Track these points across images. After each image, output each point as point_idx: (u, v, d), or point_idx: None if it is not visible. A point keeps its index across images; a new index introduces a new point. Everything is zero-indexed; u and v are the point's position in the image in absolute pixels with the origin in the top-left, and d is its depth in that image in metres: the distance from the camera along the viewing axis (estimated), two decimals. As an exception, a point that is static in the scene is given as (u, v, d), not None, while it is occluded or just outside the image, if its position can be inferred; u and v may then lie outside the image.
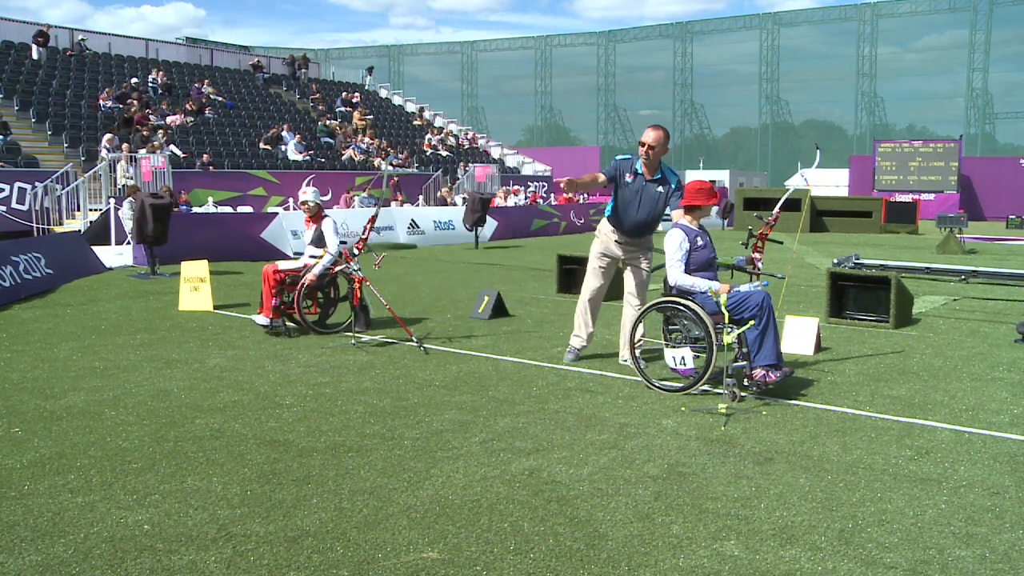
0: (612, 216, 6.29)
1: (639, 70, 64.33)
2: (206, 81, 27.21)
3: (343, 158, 25.43)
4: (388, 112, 33.51)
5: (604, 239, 6.38)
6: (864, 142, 54.28)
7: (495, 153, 34.15)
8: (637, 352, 5.78)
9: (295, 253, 7.84)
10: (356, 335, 7.23)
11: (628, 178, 6.10)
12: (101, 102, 22.40)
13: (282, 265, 7.74)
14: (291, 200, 20.09)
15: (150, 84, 24.67)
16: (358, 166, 24.90)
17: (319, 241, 7.70)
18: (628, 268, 6.38)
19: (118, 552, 3.12)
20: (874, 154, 40.76)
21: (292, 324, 7.59)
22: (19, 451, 4.26)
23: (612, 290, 10.32)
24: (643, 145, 6.00)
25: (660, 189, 6.08)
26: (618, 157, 6.30)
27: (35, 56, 24.48)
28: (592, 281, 6.46)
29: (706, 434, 4.63)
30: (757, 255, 6.25)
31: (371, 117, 30.17)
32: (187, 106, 24.02)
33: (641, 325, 5.85)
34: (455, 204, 23.39)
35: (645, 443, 4.46)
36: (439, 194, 24.80)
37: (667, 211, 6.13)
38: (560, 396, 5.44)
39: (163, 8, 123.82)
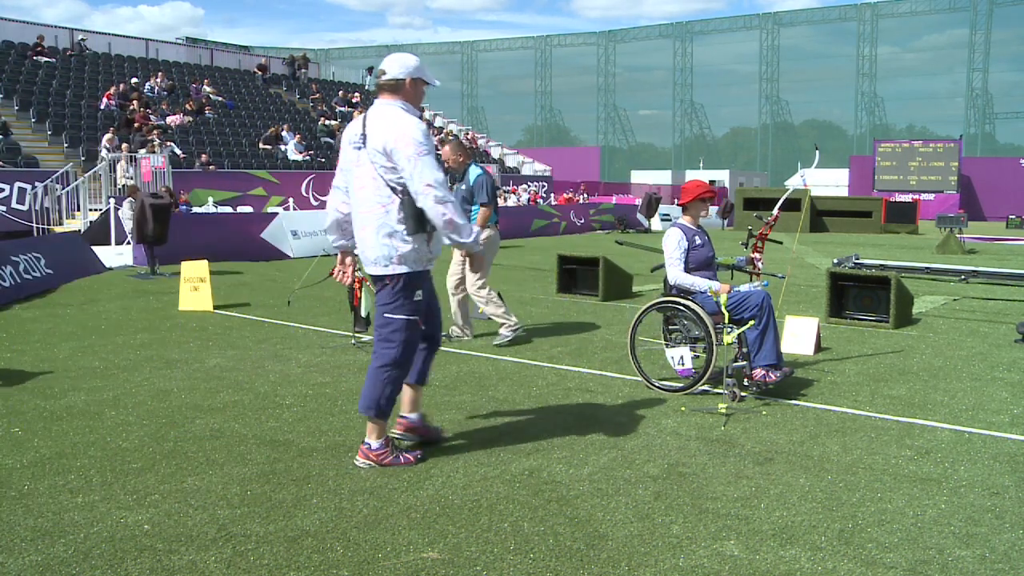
0: None
1: (639, 70, 64.39)
2: (206, 81, 27.22)
3: (343, 158, 25.40)
4: (388, 112, 33.44)
5: None
6: (864, 142, 54.31)
7: (495, 153, 34.15)
8: (637, 352, 5.78)
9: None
10: (356, 335, 7.23)
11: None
12: (106, 100, 22.39)
13: None
14: (291, 200, 20.12)
15: (147, 91, 24.53)
16: (358, 166, 24.86)
17: None
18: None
19: (118, 552, 3.11)
20: (874, 154, 40.78)
21: None
22: (19, 451, 4.26)
23: (615, 291, 10.35)
24: (445, 160, 7.17)
25: (461, 188, 7.26)
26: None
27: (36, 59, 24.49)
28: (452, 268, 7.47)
29: (706, 434, 4.63)
30: (757, 255, 6.25)
31: (371, 117, 30.12)
32: (187, 106, 24.02)
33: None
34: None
35: (645, 443, 4.46)
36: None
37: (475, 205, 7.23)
38: (560, 396, 5.44)
39: (160, 8, 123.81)
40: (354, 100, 31.71)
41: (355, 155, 4.02)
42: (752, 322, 5.34)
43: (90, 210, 16.54)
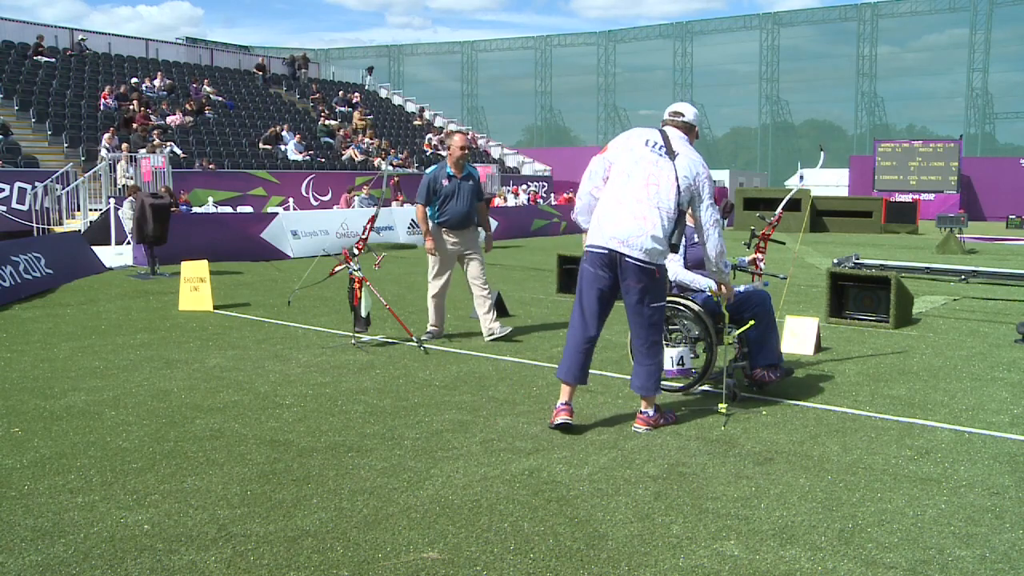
0: (438, 218, 7.26)
1: (639, 70, 64.31)
2: (206, 81, 27.21)
3: (343, 158, 25.42)
4: (388, 112, 33.50)
5: (438, 243, 7.31)
6: (864, 142, 54.27)
7: (495, 153, 34.13)
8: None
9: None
10: (356, 335, 7.23)
11: (445, 182, 7.20)
12: (104, 99, 22.36)
13: None
14: (291, 200, 20.11)
15: (147, 91, 24.48)
16: (358, 166, 24.89)
17: None
18: (466, 260, 7.36)
19: (118, 552, 3.12)
20: (874, 154, 40.76)
21: None
22: (19, 451, 4.26)
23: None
24: (462, 149, 7.22)
25: (471, 183, 7.30)
26: (427, 172, 7.38)
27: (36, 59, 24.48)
28: (435, 282, 7.38)
29: (706, 434, 4.63)
30: (760, 255, 6.25)
31: (371, 117, 30.16)
32: (187, 106, 24.01)
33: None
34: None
35: (645, 443, 4.46)
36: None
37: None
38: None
39: (159, 7, 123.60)
40: (354, 100, 31.70)
41: (654, 157, 4.65)
42: (752, 322, 5.33)
43: (90, 210, 16.53)
